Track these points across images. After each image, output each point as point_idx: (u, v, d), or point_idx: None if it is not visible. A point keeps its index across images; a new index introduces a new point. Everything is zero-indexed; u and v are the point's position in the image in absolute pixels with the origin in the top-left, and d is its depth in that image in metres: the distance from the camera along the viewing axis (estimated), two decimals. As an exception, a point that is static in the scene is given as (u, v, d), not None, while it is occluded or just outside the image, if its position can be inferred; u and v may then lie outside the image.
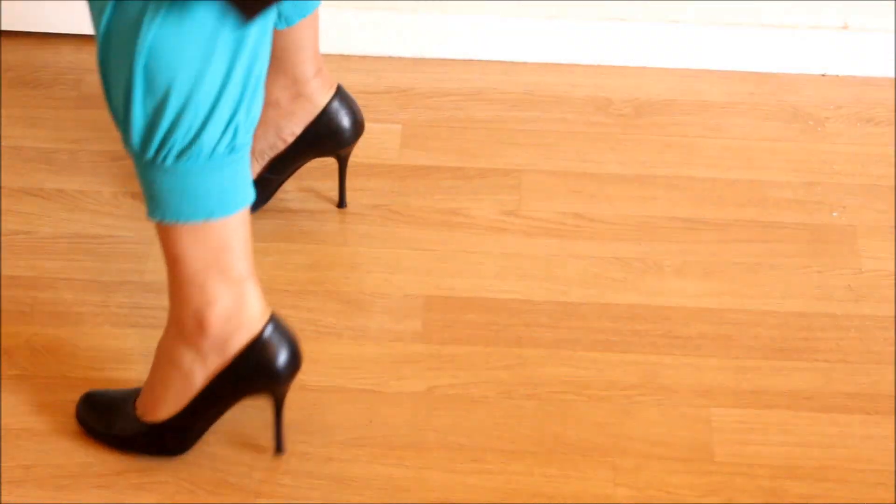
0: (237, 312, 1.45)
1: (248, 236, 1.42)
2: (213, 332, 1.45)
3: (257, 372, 1.47)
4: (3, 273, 1.77)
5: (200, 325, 1.45)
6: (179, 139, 1.30)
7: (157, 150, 1.31)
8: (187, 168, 1.32)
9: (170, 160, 1.32)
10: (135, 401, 1.55)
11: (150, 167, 1.34)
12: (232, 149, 1.34)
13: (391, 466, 1.58)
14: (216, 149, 1.32)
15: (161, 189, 1.34)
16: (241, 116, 1.32)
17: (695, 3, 2.08)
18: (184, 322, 1.45)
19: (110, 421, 1.56)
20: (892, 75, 2.11)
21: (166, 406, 1.51)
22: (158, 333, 1.68)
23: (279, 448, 1.57)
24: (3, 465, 1.56)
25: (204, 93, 1.28)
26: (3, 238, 1.81)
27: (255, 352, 1.46)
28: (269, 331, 1.46)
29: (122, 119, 1.32)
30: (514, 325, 1.73)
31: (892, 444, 1.61)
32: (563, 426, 1.62)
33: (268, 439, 1.59)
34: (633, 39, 2.10)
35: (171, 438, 1.54)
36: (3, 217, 1.84)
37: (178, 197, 1.34)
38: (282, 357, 1.47)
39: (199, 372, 1.48)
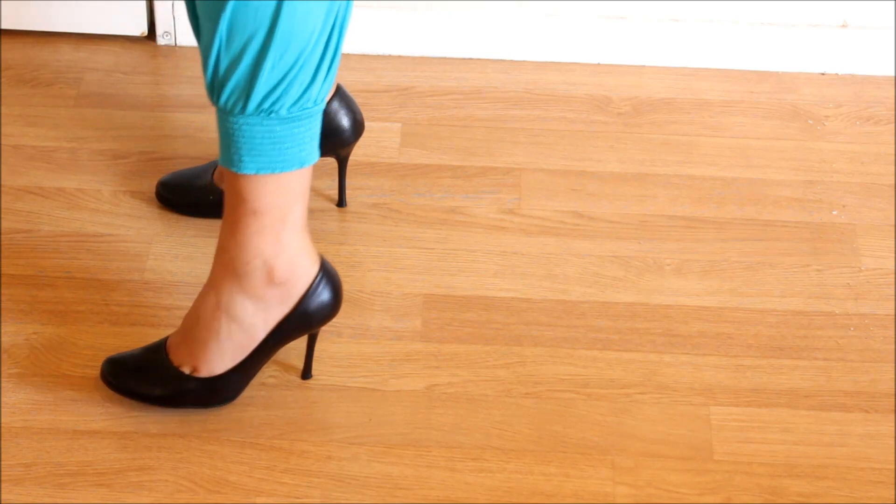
0: (299, 259, 1.52)
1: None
2: (280, 281, 1.52)
3: (316, 314, 1.56)
4: (3, 271, 1.77)
5: (269, 276, 1.51)
6: (294, 91, 1.39)
7: (274, 103, 1.40)
8: (295, 117, 1.41)
9: (284, 111, 1.40)
10: (166, 357, 1.58)
11: (259, 122, 1.41)
12: (324, 97, 1.43)
13: (390, 465, 1.58)
14: (317, 98, 1.42)
15: (262, 142, 1.42)
16: (336, 64, 1.42)
17: (694, 2, 2.08)
18: (250, 275, 1.51)
19: (152, 381, 1.59)
20: (892, 74, 2.11)
21: (223, 360, 1.56)
22: (159, 332, 1.69)
23: (307, 374, 1.65)
24: (2, 463, 1.56)
25: (318, 45, 1.38)
26: (2, 236, 1.81)
27: (316, 295, 1.55)
28: (322, 273, 1.55)
29: (244, 80, 1.38)
30: (513, 324, 1.73)
31: (892, 443, 1.61)
32: (562, 425, 1.62)
33: (267, 437, 1.59)
34: (632, 38, 2.10)
35: (223, 390, 1.59)
36: (2, 215, 1.84)
37: (278, 147, 1.43)
38: (334, 295, 1.57)
39: (261, 323, 1.54)
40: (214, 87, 1.40)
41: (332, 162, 1.88)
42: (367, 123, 1.96)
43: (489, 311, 1.75)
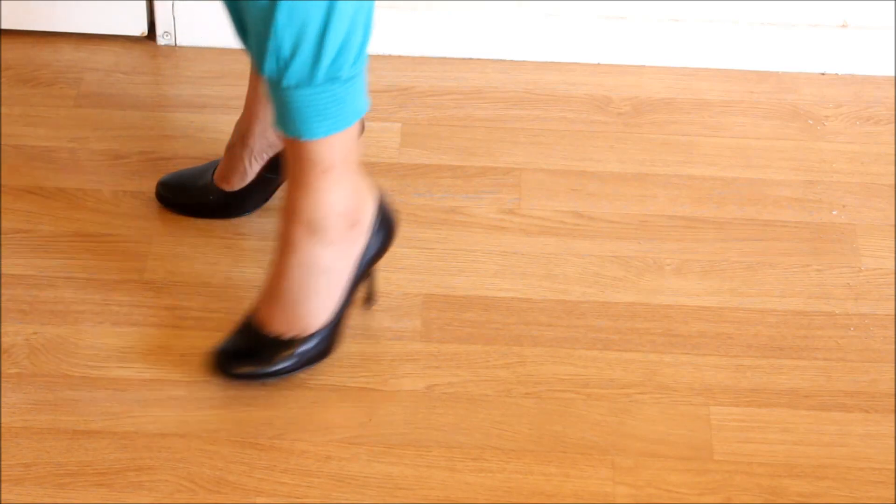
0: (364, 195, 1.60)
1: None
2: (355, 221, 1.59)
3: (387, 236, 1.65)
4: (3, 271, 1.77)
5: (349, 218, 1.58)
6: (353, 51, 1.46)
7: (339, 69, 1.45)
8: (353, 76, 1.47)
9: (345, 73, 1.46)
10: (263, 334, 1.61)
11: (325, 89, 1.46)
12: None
13: (390, 465, 1.58)
14: (367, 49, 1.48)
15: (328, 105, 1.47)
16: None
17: (694, 2, 2.08)
18: (330, 227, 1.57)
19: (266, 360, 1.62)
20: (892, 73, 2.11)
21: (323, 313, 1.61)
22: (159, 332, 1.69)
23: (372, 299, 1.72)
24: (3, 463, 1.56)
25: (368, 8, 1.45)
26: (3, 236, 1.81)
27: (382, 218, 1.63)
28: (381, 196, 1.63)
29: (310, 56, 1.42)
30: (513, 324, 1.73)
31: (892, 443, 1.61)
32: (562, 425, 1.62)
33: (267, 437, 1.59)
34: (632, 38, 2.10)
35: (325, 343, 1.63)
36: (3, 215, 1.84)
37: (341, 106, 1.48)
38: (391, 215, 1.65)
39: (345, 266, 1.61)
40: (278, 71, 1.44)
41: (332, 162, 1.88)
42: (367, 123, 1.96)
43: (489, 311, 1.75)
